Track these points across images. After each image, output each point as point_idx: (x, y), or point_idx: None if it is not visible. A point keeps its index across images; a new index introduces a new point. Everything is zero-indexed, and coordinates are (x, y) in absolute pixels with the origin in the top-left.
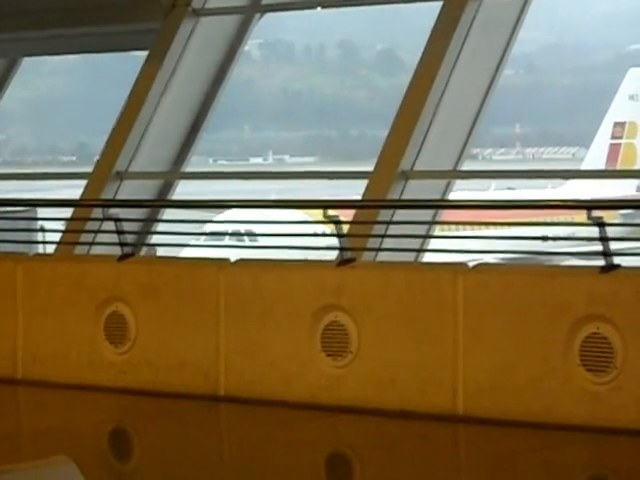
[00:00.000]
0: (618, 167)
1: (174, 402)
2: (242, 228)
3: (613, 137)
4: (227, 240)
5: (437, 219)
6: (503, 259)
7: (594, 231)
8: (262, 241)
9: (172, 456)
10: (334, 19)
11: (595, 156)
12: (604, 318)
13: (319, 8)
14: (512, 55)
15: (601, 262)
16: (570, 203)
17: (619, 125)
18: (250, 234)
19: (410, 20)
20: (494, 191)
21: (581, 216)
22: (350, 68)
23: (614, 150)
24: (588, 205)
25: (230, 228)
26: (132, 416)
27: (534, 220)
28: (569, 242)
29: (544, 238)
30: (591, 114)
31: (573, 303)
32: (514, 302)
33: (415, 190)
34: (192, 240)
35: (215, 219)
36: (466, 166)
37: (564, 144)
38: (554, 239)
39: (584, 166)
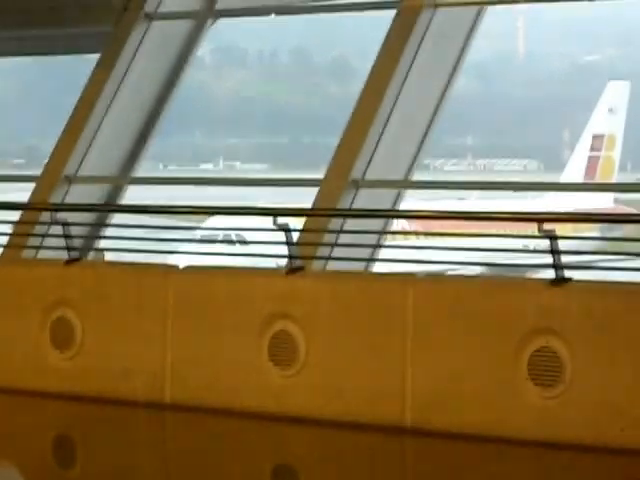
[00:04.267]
0: (597, 179)
1: (120, 409)
2: (233, 234)
3: (592, 149)
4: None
5: (387, 229)
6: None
7: (573, 244)
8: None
9: (115, 464)
10: (287, 26)
11: (574, 168)
12: (553, 332)
13: (273, 15)
14: (465, 66)
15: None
16: (521, 216)
17: (598, 138)
18: (242, 241)
19: (364, 28)
20: (475, 200)
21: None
22: (303, 75)
23: (593, 162)
24: (539, 218)
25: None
26: (77, 422)
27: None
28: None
29: (524, 251)
30: (543, 126)
31: (523, 316)
32: (463, 313)
33: (366, 199)
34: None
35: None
36: (417, 176)
37: (515, 156)
38: (534, 252)
39: (563, 178)
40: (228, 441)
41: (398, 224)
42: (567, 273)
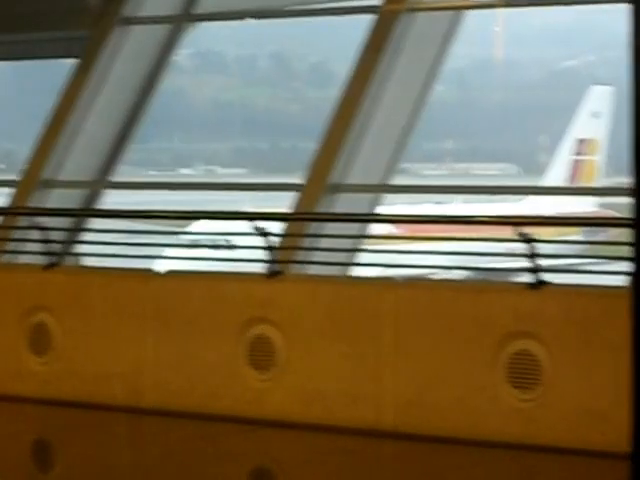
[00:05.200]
0: (580, 183)
1: (98, 414)
2: (222, 239)
3: (575, 153)
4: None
5: (366, 233)
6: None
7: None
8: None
9: (95, 469)
10: (266, 30)
11: (557, 172)
12: (531, 335)
13: (251, 19)
14: (444, 70)
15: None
16: (497, 219)
17: (581, 142)
18: (231, 246)
19: (343, 33)
20: (460, 204)
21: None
22: (282, 80)
23: (576, 166)
24: (515, 222)
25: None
26: (55, 427)
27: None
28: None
29: (501, 254)
30: (521, 131)
31: (500, 319)
32: (442, 317)
33: (345, 203)
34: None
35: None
36: (396, 180)
37: (494, 160)
38: (512, 255)
39: (546, 182)
40: (207, 445)
41: (385, 228)
42: (547, 276)
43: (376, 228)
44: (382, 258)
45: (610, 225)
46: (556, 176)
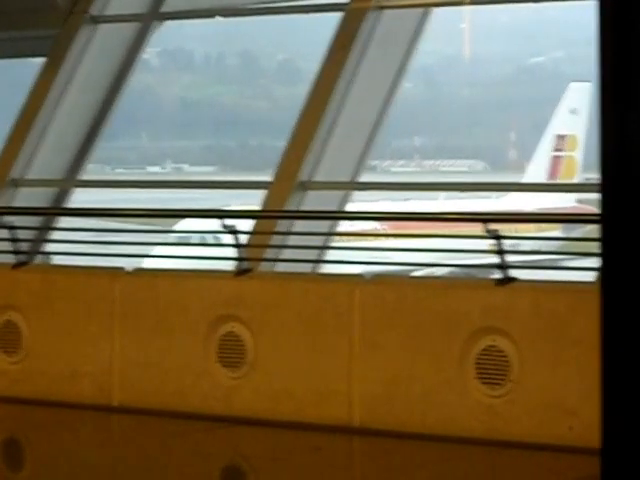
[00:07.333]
0: (559, 179)
1: (67, 412)
2: (210, 237)
3: (555, 150)
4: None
5: (335, 230)
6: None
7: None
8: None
9: (64, 467)
10: (234, 28)
11: (537, 168)
12: (500, 331)
13: (219, 17)
14: (412, 67)
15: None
16: (466, 216)
17: (560, 138)
18: (219, 244)
19: (310, 30)
20: (443, 201)
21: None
22: (250, 78)
23: (556, 162)
24: (484, 218)
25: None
26: (24, 426)
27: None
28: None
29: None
30: (489, 127)
31: (468, 315)
32: (410, 314)
33: (313, 201)
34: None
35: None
36: (364, 178)
37: (462, 157)
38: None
39: (526, 178)
40: (177, 443)
41: (370, 225)
42: (517, 273)
43: (345, 225)
44: (352, 255)
45: (580, 221)
46: (536, 172)
